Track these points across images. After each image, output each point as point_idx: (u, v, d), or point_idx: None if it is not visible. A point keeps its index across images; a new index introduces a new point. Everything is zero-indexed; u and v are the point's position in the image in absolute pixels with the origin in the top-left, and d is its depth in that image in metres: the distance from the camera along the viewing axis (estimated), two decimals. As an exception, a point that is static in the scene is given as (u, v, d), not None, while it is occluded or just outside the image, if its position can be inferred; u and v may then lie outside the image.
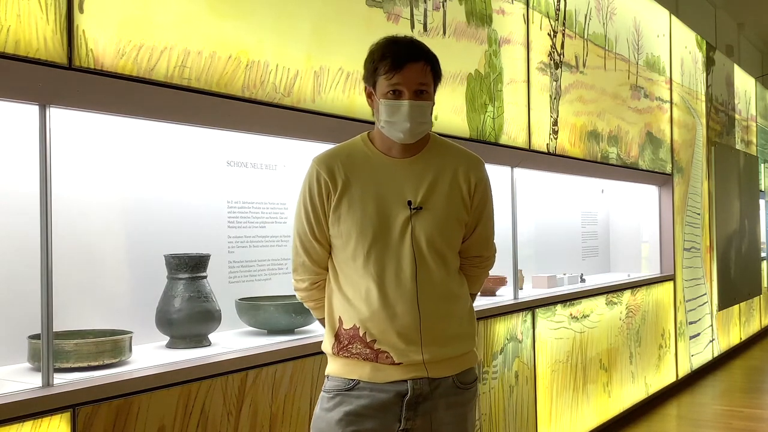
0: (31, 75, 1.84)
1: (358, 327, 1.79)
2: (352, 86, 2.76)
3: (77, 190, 2.33)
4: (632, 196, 5.94)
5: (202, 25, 2.26)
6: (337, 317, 1.84)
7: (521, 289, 4.11)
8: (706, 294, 6.75)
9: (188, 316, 2.35)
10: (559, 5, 4.34)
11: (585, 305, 4.49)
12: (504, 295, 3.94)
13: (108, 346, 2.08)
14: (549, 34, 4.22)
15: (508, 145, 3.76)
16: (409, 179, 1.82)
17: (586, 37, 4.68)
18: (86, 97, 1.98)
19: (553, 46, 4.27)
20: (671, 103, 6.13)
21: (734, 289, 7.55)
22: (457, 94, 3.41)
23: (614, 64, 5.09)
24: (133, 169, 2.49)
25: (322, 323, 1.93)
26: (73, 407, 1.83)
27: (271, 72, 2.48)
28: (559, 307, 4.17)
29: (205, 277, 2.44)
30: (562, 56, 4.35)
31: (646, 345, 5.38)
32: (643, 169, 5.50)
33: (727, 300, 7.26)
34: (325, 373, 1.89)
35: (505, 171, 3.91)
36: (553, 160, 4.23)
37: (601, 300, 4.72)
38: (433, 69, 1.81)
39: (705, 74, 7.06)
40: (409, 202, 1.80)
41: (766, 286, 9.16)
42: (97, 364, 2.05)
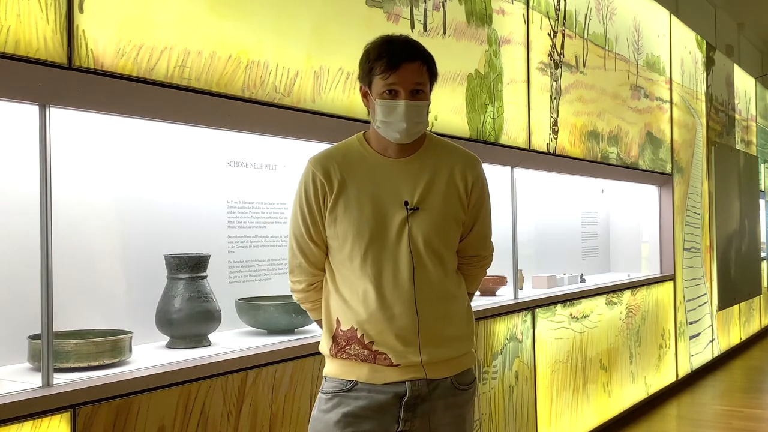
0: (31, 75, 1.84)
1: (356, 329, 1.78)
2: (352, 86, 2.76)
3: (77, 190, 2.33)
4: (632, 196, 5.94)
5: (202, 25, 2.26)
6: (335, 319, 1.83)
7: (521, 289, 4.11)
8: (706, 294, 6.75)
9: (188, 316, 2.35)
10: (559, 5, 4.34)
11: (585, 305, 4.49)
12: (504, 295, 3.94)
13: (108, 346, 2.08)
14: (549, 34, 4.22)
15: (508, 145, 3.76)
16: (406, 179, 1.81)
17: (586, 37, 4.68)
18: (86, 97, 1.98)
19: (553, 46, 4.27)
20: (671, 103, 6.13)
21: (734, 289, 7.55)
22: (457, 94, 3.41)
23: (614, 64, 5.09)
24: (133, 169, 2.49)
25: (320, 325, 1.92)
26: (73, 407, 1.83)
27: (271, 72, 2.48)
28: (559, 307, 4.17)
29: (205, 277, 2.44)
30: (562, 56, 4.35)
31: (646, 345, 5.38)
32: (643, 169, 5.50)
33: (727, 300, 7.26)
34: (323, 374, 1.88)
35: (505, 171, 3.91)
36: (553, 160, 4.23)
37: (601, 300, 4.72)
38: (429, 68, 1.80)
39: (705, 74, 7.05)
40: (406, 203, 1.79)
41: (766, 286, 9.16)
42: (97, 364, 2.05)
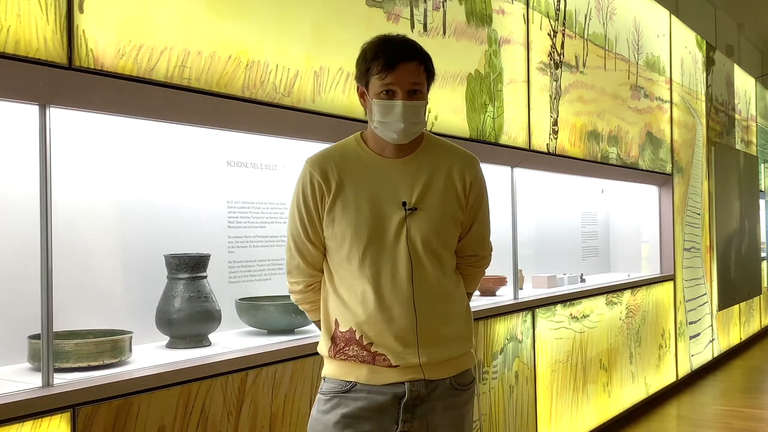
0: (31, 75, 1.84)
1: (355, 330, 1.78)
2: (352, 86, 2.76)
3: (77, 190, 2.32)
4: (632, 196, 5.94)
5: (202, 25, 2.26)
6: (333, 320, 1.82)
7: (521, 289, 4.11)
8: (706, 294, 6.75)
9: (188, 316, 2.35)
10: (559, 5, 4.34)
11: (585, 305, 4.49)
12: (504, 295, 3.93)
13: (108, 346, 2.08)
14: (549, 34, 4.22)
15: (508, 145, 3.76)
16: (404, 179, 1.80)
17: (586, 37, 4.68)
18: (86, 97, 1.98)
19: (553, 46, 4.27)
20: (671, 103, 6.13)
21: (734, 289, 7.55)
22: (457, 94, 3.41)
23: (614, 64, 5.09)
24: (134, 169, 2.49)
25: (318, 326, 1.92)
26: (73, 407, 1.83)
27: (271, 72, 2.48)
28: (559, 307, 4.17)
29: (205, 277, 2.44)
30: (562, 56, 4.35)
31: (646, 345, 5.38)
32: (643, 169, 5.50)
33: (727, 300, 7.26)
34: (322, 375, 1.87)
35: (505, 171, 3.91)
36: (553, 160, 4.23)
37: (601, 300, 4.72)
38: (427, 68, 1.79)
39: (705, 74, 7.05)
40: (404, 203, 1.78)
41: (766, 286, 9.16)
42: (97, 364, 2.05)
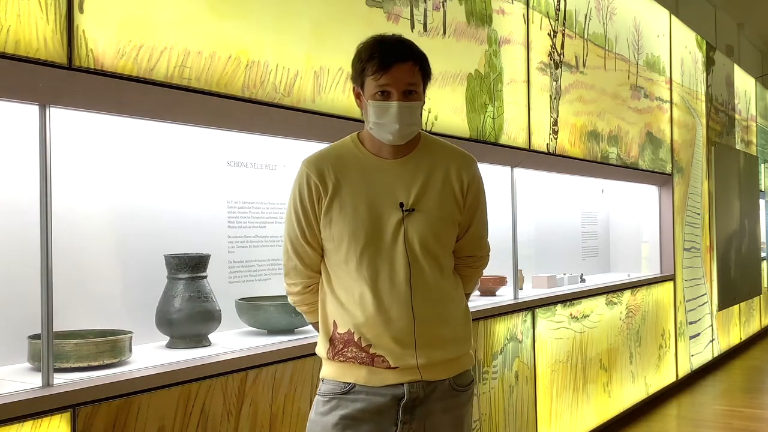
0: (31, 75, 1.83)
1: (353, 332, 1.77)
2: (351, 86, 2.76)
3: (77, 190, 2.32)
4: (632, 196, 5.94)
5: (202, 25, 2.26)
6: (332, 321, 1.81)
7: (521, 289, 4.11)
8: (706, 294, 6.75)
9: (188, 316, 2.35)
10: (559, 5, 4.34)
11: (585, 305, 4.49)
12: (504, 295, 3.93)
13: (108, 346, 2.08)
14: (549, 34, 4.22)
15: (508, 145, 3.76)
16: (401, 180, 1.80)
17: (586, 37, 4.68)
18: (86, 97, 1.98)
19: (553, 46, 4.27)
20: (671, 103, 6.13)
21: (734, 289, 7.55)
22: (457, 94, 3.41)
23: (614, 64, 5.09)
24: (133, 169, 2.49)
25: (316, 327, 1.91)
26: (73, 407, 1.83)
27: (271, 72, 2.48)
28: (559, 307, 4.17)
29: (205, 277, 2.44)
30: (562, 56, 4.35)
31: (646, 345, 5.38)
32: (643, 169, 5.50)
33: (727, 300, 7.26)
34: (320, 377, 1.86)
35: (505, 171, 3.91)
36: (553, 160, 4.23)
37: (601, 300, 4.72)
38: (422, 68, 1.77)
39: (705, 74, 7.05)
40: (401, 204, 1.77)
41: (766, 286, 9.16)
42: (97, 364, 2.05)
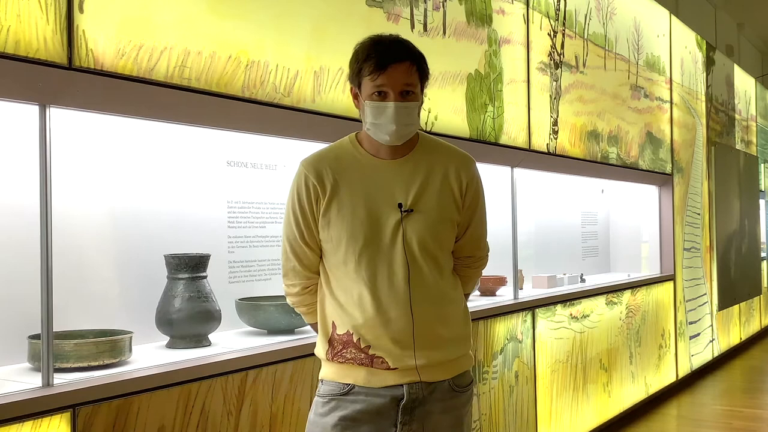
0: (31, 75, 1.83)
1: (352, 333, 1.77)
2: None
3: (77, 190, 2.32)
4: (632, 196, 5.94)
5: (202, 25, 2.26)
6: (330, 322, 1.81)
7: (521, 289, 4.11)
8: (706, 294, 6.75)
9: (188, 316, 2.35)
10: (559, 5, 4.34)
11: (585, 305, 4.49)
12: (504, 295, 3.93)
13: (108, 346, 2.08)
14: (549, 34, 4.22)
15: (508, 145, 3.76)
16: (399, 181, 1.79)
17: (586, 37, 4.68)
18: (86, 97, 1.98)
19: (553, 46, 4.27)
20: (671, 103, 6.13)
21: (734, 289, 7.55)
22: (457, 94, 3.41)
23: (614, 64, 5.09)
24: (134, 169, 2.49)
25: (315, 328, 1.91)
26: (73, 407, 1.83)
27: (271, 72, 2.48)
28: (559, 307, 4.17)
29: (205, 277, 2.44)
30: (562, 56, 4.35)
31: (646, 345, 5.38)
32: (643, 169, 5.50)
33: (727, 300, 7.26)
34: (319, 378, 1.86)
35: (505, 171, 3.91)
36: (553, 160, 4.23)
37: (601, 300, 4.72)
38: (420, 68, 1.76)
39: (705, 74, 7.05)
40: (400, 205, 1.77)
41: (766, 286, 9.16)
42: (97, 364, 2.05)
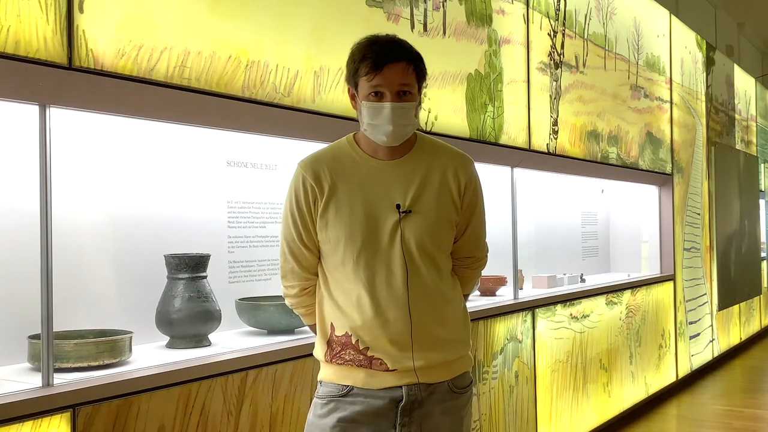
0: (31, 75, 1.83)
1: (350, 334, 1.76)
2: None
3: (77, 190, 2.32)
4: (632, 196, 5.94)
5: (202, 25, 2.26)
6: (329, 324, 1.81)
7: (521, 289, 4.11)
8: (706, 294, 6.75)
9: (188, 316, 2.35)
10: (559, 5, 4.34)
11: (585, 305, 4.49)
12: (504, 295, 3.93)
13: (108, 346, 2.08)
14: (549, 34, 4.22)
15: (508, 145, 3.76)
16: (397, 182, 1.79)
17: (586, 37, 4.68)
18: (86, 97, 1.98)
19: (553, 46, 4.27)
20: (671, 103, 6.13)
21: (734, 289, 7.55)
22: (457, 94, 3.41)
23: (614, 64, 5.09)
24: (133, 169, 2.49)
25: (313, 329, 1.91)
26: (73, 407, 1.83)
27: (271, 72, 2.48)
28: (559, 307, 4.17)
29: (205, 277, 2.44)
30: (562, 56, 4.35)
31: (646, 345, 5.38)
32: (643, 169, 5.50)
33: (727, 300, 7.26)
34: (318, 379, 1.86)
35: (505, 171, 3.91)
36: (553, 160, 4.23)
37: (601, 300, 4.72)
38: (416, 68, 1.76)
39: (705, 74, 7.05)
40: (398, 206, 1.76)
41: (766, 286, 9.16)
42: (97, 364, 2.05)
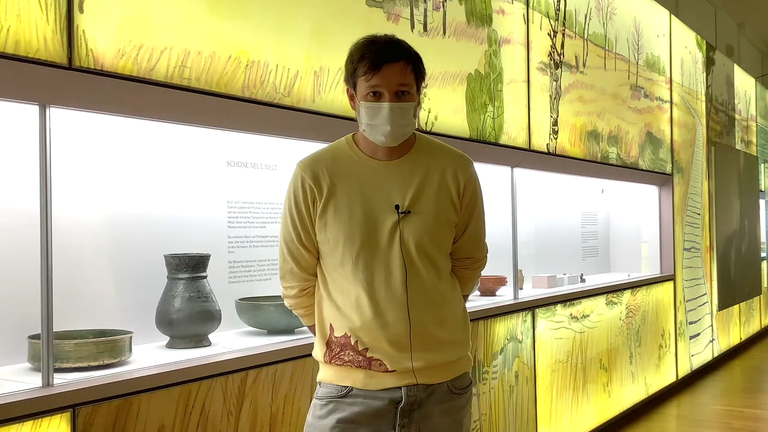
0: (31, 75, 1.83)
1: (349, 335, 1.76)
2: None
3: (77, 190, 2.32)
4: (632, 196, 5.94)
5: (202, 25, 2.26)
6: (328, 324, 1.81)
7: (521, 289, 4.11)
8: (706, 294, 6.75)
9: (188, 316, 2.35)
10: (559, 5, 4.34)
11: (585, 305, 4.49)
12: (504, 295, 3.93)
13: (108, 346, 2.08)
14: (549, 34, 4.22)
15: (508, 145, 3.76)
16: (396, 182, 1.78)
17: (586, 37, 4.68)
18: (86, 97, 1.98)
19: (553, 46, 4.27)
20: (671, 103, 6.13)
21: (734, 289, 7.55)
22: (457, 94, 3.41)
23: (614, 64, 5.09)
24: (134, 169, 2.49)
25: (312, 330, 1.90)
26: (73, 407, 1.83)
27: (271, 72, 2.48)
28: (559, 307, 4.17)
29: (205, 277, 2.44)
30: (562, 56, 4.35)
31: (646, 345, 5.38)
32: (643, 169, 5.50)
33: (727, 300, 7.26)
34: (317, 380, 1.85)
35: (505, 171, 3.91)
36: (553, 160, 4.23)
37: (601, 300, 4.72)
38: (415, 68, 1.75)
39: (705, 74, 7.05)
40: (397, 206, 1.76)
41: (766, 286, 9.16)
42: (97, 364, 2.05)
